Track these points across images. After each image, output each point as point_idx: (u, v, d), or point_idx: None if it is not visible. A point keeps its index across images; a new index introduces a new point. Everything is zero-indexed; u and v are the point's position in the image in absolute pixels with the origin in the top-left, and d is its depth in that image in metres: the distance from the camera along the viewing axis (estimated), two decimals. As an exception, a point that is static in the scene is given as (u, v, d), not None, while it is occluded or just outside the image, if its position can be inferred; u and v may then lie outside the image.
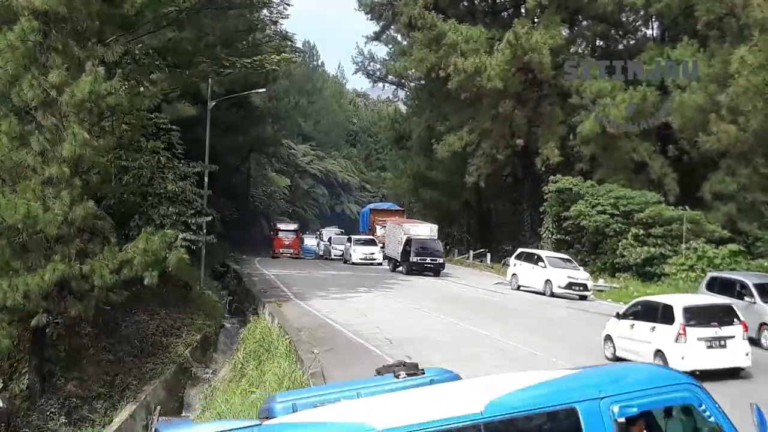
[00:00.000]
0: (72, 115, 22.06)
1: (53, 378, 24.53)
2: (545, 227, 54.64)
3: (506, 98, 56.35)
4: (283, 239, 70.21)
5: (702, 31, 46.57)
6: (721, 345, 21.61)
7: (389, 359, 23.09)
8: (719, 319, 22.14)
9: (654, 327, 22.34)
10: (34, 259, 21.82)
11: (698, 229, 44.28)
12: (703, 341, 21.45)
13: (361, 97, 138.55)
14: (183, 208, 36.41)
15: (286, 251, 69.24)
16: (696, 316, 22.09)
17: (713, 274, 33.35)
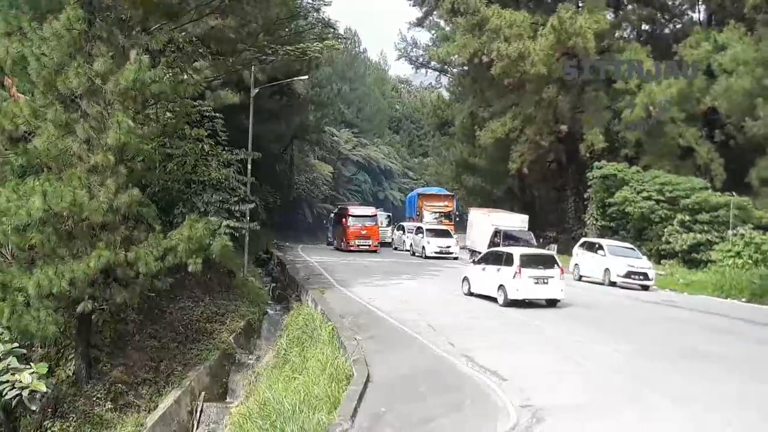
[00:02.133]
0: (117, 103, 22.21)
1: (99, 364, 24.82)
2: (590, 214, 54.30)
3: (550, 84, 55.98)
4: (359, 228, 59.51)
5: (749, 14, 45.95)
6: (544, 282, 30.97)
7: (432, 346, 23.12)
8: (544, 264, 31.44)
9: (499, 269, 31.80)
10: (80, 246, 22.05)
11: (745, 216, 43.80)
12: (532, 279, 30.77)
13: (403, 83, 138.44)
14: (226, 195, 36.61)
15: (363, 243, 58.79)
16: (528, 261, 31.25)
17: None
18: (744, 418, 15.76)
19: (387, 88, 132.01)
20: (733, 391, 17.68)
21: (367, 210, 63.15)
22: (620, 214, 50.06)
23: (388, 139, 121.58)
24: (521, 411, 15.82)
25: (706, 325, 28.47)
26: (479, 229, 52.56)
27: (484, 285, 33.00)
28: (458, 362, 20.57)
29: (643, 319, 29.63)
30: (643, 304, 34.28)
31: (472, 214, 55.78)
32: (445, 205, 63.79)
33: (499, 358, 20.74)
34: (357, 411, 17.17)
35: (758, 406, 16.32)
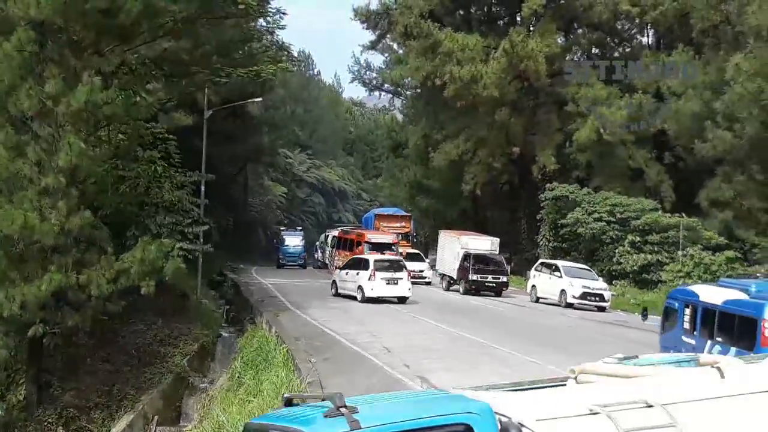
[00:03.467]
0: (68, 124, 22.05)
1: (51, 388, 24.50)
2: (542, 235, 54.76)
3: (502, 106, 56.47)
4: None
5: (697, 38, 46.78)
6: (395, 283, 38.53)
7: (387, 368, 23.13)
8: (395, 269, 39.44)
9: (358, 272, 39.44)
10: (31, 269, 21.80)
11: (695, 236, 44.42)
12: (384, 280, 38.45)
13: (357, 105, 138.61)
14: (180, 217, 36.38)
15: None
16: (381, 265, 39.29)
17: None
18: None
19: (341, 110, 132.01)
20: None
21: (386, 236, 52.83)
22: (572, 235, 50.55)
23: (343, 161, 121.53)
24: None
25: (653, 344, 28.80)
26: (449, 251, 51.05)
27: (347, 286, 40.64)
28: (413, 383, 20.60)
29: (584, 338, 29.92)
30: (594, 324, 34.65)
31: (442, 236, 54.24)
32: (402, 225, 63.58)
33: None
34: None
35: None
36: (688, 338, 19.88)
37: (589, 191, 51.04)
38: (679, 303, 21.16)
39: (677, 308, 21.01)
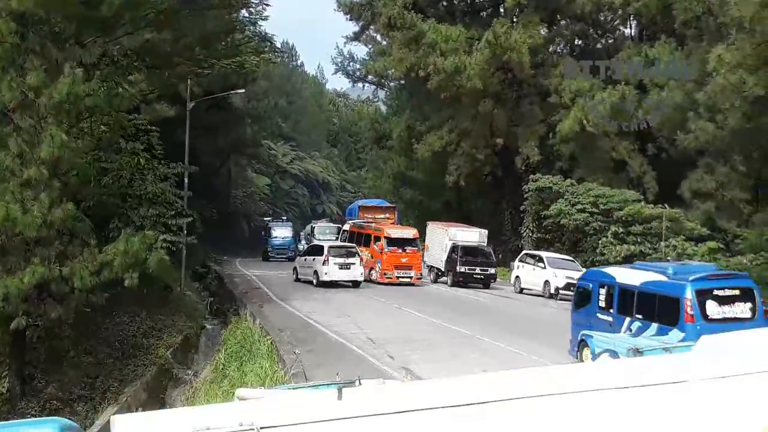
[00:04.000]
0: (50, 116, 21.95)
1: (33, 381, 24.42)
2: (526, 226, 54.85)
3: (486, 98, 56.50)
4: (398, 255, 46.61)
5: (680, 29, 46.86)
6: (347, 267, 41.99)
7: (371, 359, 23.17)
8: (348, 255, 42.82)
9: (315, 258, 42.94)
10: (13, 261, 21.72)
11: (677, 227, 44.54)
12: (337, 265, 41.84)
13: (341, 97, 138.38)
14: (163, 209, 36.29)
15: (404, 276, 45.79)
16: (335, 251, 42.87)
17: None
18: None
19: (324, 101, 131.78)
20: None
21: (407, 231, 49.97)
22: (555, 226, 50.63)
23: (326, 152, 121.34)
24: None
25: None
26: (437, 243, 50.34)
27: (305, 272, 44.28)
28: (397, 374, 20.65)
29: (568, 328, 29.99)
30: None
31: (430, 228, 52.97)
32: (386, 217, 63.29)
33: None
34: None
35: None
36: (604, 315, 22.38)
37: (573, 183, 51.11)
38: (593, 284, 23.50)
39: (591, 289, 23.40)
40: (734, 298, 20.30)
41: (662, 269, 22.30)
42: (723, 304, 20.02)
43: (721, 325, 18.56)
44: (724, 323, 18.89)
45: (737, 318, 19.75)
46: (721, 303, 20.00)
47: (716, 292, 20.15)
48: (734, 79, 32.23)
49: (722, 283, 20.88)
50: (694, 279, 20.34)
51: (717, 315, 19.81)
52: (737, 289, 20.66)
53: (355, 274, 42.51)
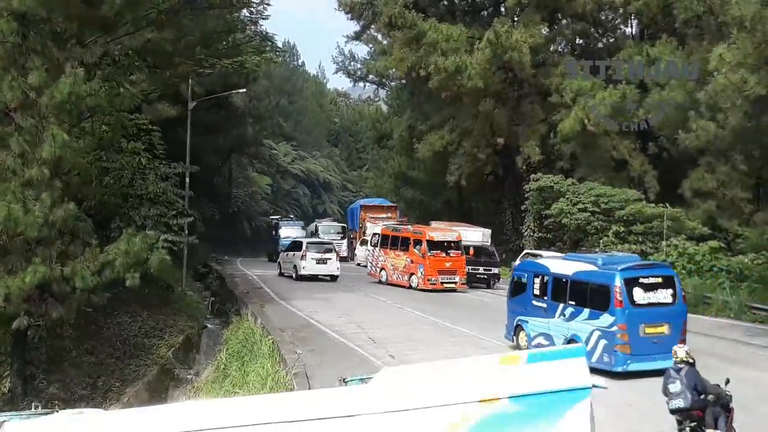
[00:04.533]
0: (51, 116, 21.95)
1: (35, 381, 24.43)
2: (527, 225, 54.84)
3: (487, 97, 56.50)
4: (442, 259, 42.89)
5: (680, 29, 46.86)
6: (324, 262, 45.31)
7: (372, 358, 23.17)
8: (325, 250, 46.37)
9: (295, 253, 46.58)
10: (15, 261, 21.73)
11: (678, 227, 44.52)
12: (315, 260, 45.20)
13: (342, 96, 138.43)
14: (164, 209, 36.27)
15: (449, 281, 42.50)
16: (313, 247, 46.66)
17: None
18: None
19: (325, 101, 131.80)
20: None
21: (451, 233, 45.83)
22: (557, 225, 50.62)
23: (327, 152, 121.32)
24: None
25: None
26: None
27: (287, 267, 47.91)
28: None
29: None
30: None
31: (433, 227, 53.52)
32: (388, 216, 63.22)
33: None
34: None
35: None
36: (539, 302, 24.45)
37: (574, 182, 51.09)
38: (528, 274, 25.60)
39: (527, 278, 25.42)
40: (657, 285, 22.40)
41: (592, 260, 24.46)
42: (648, 290, 22.10)
43: (646, 309, 21.89)
44: (648, 308, 21.90)
45: (660, 303, 22.19)
46: (646, 290, 22.07)
47: (642, 280, 22.18)
48: (735, 79, 32.16)
49: (647, 272, 22.97)
50: (622, 268, 22.27)
51: (642, 300, 21.98)
52: (660, 278, 22.76)
53: (331, 269, 45.73)
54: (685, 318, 22.79)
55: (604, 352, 21.74)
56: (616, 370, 21.24)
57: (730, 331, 29.57)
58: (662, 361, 19.01)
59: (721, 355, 24.62)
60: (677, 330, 21.87)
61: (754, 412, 16.78)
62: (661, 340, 21.44)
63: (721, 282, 38.09)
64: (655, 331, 21.94)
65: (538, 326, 24.33)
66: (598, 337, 22.02)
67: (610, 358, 21.61)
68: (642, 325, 21.78)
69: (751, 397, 17.86)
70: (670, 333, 21.67)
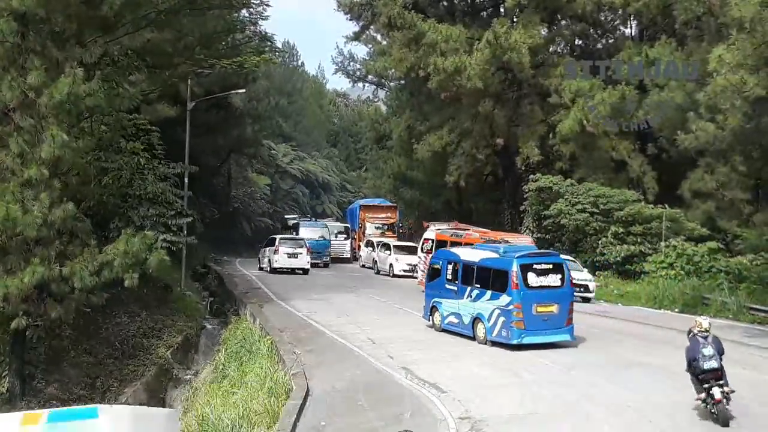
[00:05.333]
0: (51, 116, 21.95)
1: (34, 380, 24.43)
2: (526, 226, 54.79)
3: (486, 98, 56.46)
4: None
5: (680, 30, 46.82)
6: (295, 257, 50.01)
7: (371, 359, 23.18)
8: (297, 246, 50.86)
9: (269, 249, 51.26)
10: (14, 261, 21.72)
11: (677, 227, 44.55)
12: (287, 254, 49.99)
13: (341, 97, 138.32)
14: (163, 209, 36.30)
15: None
16: (285, 243, 51.18)
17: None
18: (677, 425, 16.12)
19: (325, 101, 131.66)
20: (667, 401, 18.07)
21: (523, 239, 42.97)
22: (555, 226, 50.58)
23: (326, 152, 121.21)
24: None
25: (641, 336, 29.02)
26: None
27: (264, 261, 52.93)
28: (398, 375, 20.67)
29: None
30: (577, 315, 34.73)
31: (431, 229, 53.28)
32: (387, 216, 63.19)
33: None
34: (297, 425, 17.17)
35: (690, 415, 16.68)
36: (451, 286, 28.22)
37: (573, 182, 51.05)
38: (442, 261, 29.61)
39: (441, 265, 29.40)
40: (548, 271, 26.10)
41: (495, 249, 28.54)
42: (540, 275, 25.81)
43: (538, 291, 25.67)
44: (540, 290, 25.69)
45: (550, 286, 25.95)
46: (539, 275, 25.79)
47: (535, 266, 25.95)
48: (735, 80, 32.10)
49: (539, 259, 26.82)
50: (518, 256, 26.30)
51: (535, 283, 25.68)
52: (551, 264, 26.49)
53: (301, 263, 50.28)
54: (572, 299, 26.78)
55: (503, 327, 25.55)
56: (512, 342, 25.21)
57: (729, 332, 29.52)
58: (551, 336, 25.87)
59: (719, 356, 24.62)
60: (564, 309, 26.05)
61: (753, 413, 16.81)
62: (550, 317, 25.82)
63: (720, 283, 38.19)
64: (545, 310, 25.83)
65: (450, 307, 28.26)
66: (498, 315, 25.81)
67: (508, 332, 25.39)
68: (534, 304, 25.51)
69: (750, 397, 17.90)
70: (558, 312, 25.87)
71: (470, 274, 27.58)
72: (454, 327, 27.96)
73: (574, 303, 26.76)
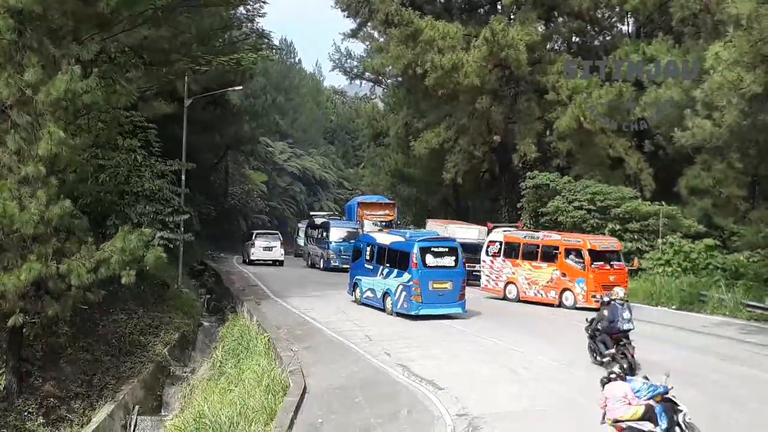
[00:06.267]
0: (48, 113, 21.92)
1: (31, 378, 24.41)
2: (523, 223, 54.84)
3: (483, 95, 56.46)
4: (606, 272, 36.16)
5: (677, 27, 46.77)
6: (270, 250, 55.97)
7: (368, 356, 23.19)
8: (271, 239, 56.99)
9: (248, 243, 57.08)
10: (11, 258, 21.70)
11: (674, 224, 44.56)
12: (262, 247, 55.96)
13: (338, 94, 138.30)
14: (160, 206, 36.27)
15: None
16: (262, 237, 57.36)
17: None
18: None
19: (322, 98, 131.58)
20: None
21: (611, 241, 39.62)
22: (552, 223, 50.55)
23: (323, 149, 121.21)
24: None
25: (638, 333, 29.02)
26: None
27: (245, 254, 58.50)
28: (395, 371, 20.67)
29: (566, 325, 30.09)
30: (578, 312, 34.79)
31: (429, 226, 52.79)
32: (386, 213, 63.04)
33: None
34: (294, 422, 17.19)
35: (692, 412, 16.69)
36: (369, 265, 33.98)
37: (570, 179, 51.07)
38: (363, 244, 35.56)
39: (362, 247, 35.32)
40: (444, 253, 31.45)
41: (403, 234, 34.52)
42: (437, 257, 31.23)
43: (435, 270, 30.90)
44: (436, 269, 30.96)
45: (445, 266, 31.26)
46: (436, 256, 31.20)
47: (433, 249, 31.37)
48: (731, 77, 32.10)
49: (437, 243, 32.25)
50: (419, 240, 31.79)
51: (432, 264, 31.00)
52: (447, 248, 31.81)
53: (275, 255, 56.76)
54: (464, 278, 31.97)
55: (404, 301, 30.99)
56: (411, 313, 30.58)
57: (726, 329, 29.65)
58: (445, 308, 31.16)
59: (716, 352, 24.73)
60: (457, 286, 31.29)
61: (748, 409, 16.84)
62: (444, 293, 31.06)
63: (717, 280, 38.22)
64: (440, 287, 31.02)
65: (368, 283, 34.03)
66: (401, 290, 31.25)
67: (408, 305, 30.77)
68: (431, 281, 30.68)
69: (745, 394, 17.95)
70: (452, 288, 31.14)
71: (383, 255, 33.19)
72: (371, 301, 33.75)
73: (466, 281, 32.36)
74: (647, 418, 13.99)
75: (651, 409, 14.07)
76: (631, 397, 14.20)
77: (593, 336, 22.30)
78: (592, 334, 22.39)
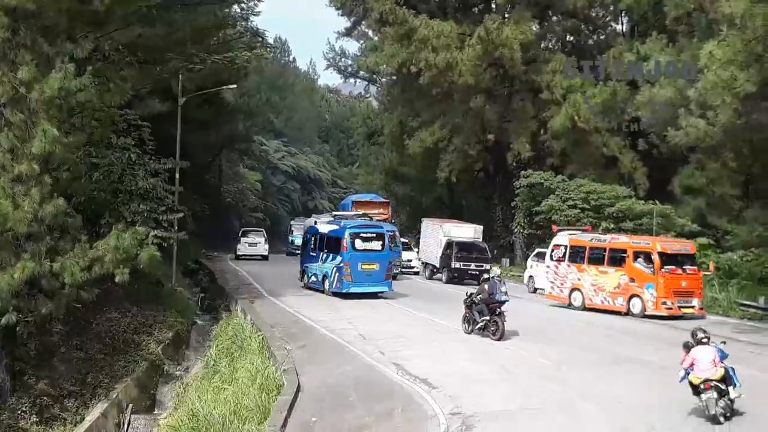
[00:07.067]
0: (41, 111, 21.83)
1: (24, 376, 24.34)
2: (517, 222, 54.99)
3: (477, 94, 56.54)
4: (677, 277, 33.53)
5: (671, 26, 46.91)
6: (255, 246, 62.71)
7: (362, 355, 23.18)
8: (256, 236, 64.37)
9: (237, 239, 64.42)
10: (4, 257, 21.62)
11: (668, 223, 44.68)
12: (247, 244, 63.07)
13: (332, 93, 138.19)
14: (154, 204, 36.18)
15: (685, 305, 33.20)
16: (248, 234, 64.98)
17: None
18: (667, 420, 16.17)
19: (316, 97, 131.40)
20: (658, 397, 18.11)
21: (685, 244, 36.71)
22: (546, 222, 50.67)
23: (318, 148, 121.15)
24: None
25: (632, 332, 29.07)
26: (432, 240, 49.37)
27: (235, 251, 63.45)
28: (388, 370, 20.65)
29: (566, 326, 30.12)
30: (576, 312, 34.81)
31: (425, 224, 52.86)
32: (380, 212, 62.98)
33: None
34: (287, 421, 17.17)
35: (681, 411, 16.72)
36: (314, 253, 39.31)
37: (564, 178, 51.22)
38: (310, 235, 40.87)
39: (308, 238, 40.89)
40: (372, 238, 36.70)
41: (338, 223, 39.33)
42: (365, 242, 36.36)
43: (363, 253, 36.07)
44: (365, 252, 36.13)
45: (373, 249, 36.46)
46: (364, 241, 36.31)
47: (362, 234, 36.59)
48: (725, 76, 32.19)
49: (366, 230, 37.41)
50: (349, 227, 36.84)
51: (361, 247, 36.13)
52: (374, 234, 37.15)
53: (260, 251, 62.80)
54: (390, 259, 38.34)
55: (337, 281, 36.11)
56: (342, 291, 35.76)
57: (720, 328, 29.58)
58: (372, 287, 36.37)
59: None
60: (384, 267, 36.68)
61: (744, 409, 16.84)
62: (372, 273, 36.12)
63: (711, 279, 38.23)
64: (368, 268, 36.11)
65: (313, 269, 39.09)
66: (335, 271, 36.47)
67: (340, 284, 35.97)
68: (360, 263, 35.82)
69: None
70: (379, 269, 36.37)
71: (323, 242, 38.31)
72: (315, 284, 38.60)
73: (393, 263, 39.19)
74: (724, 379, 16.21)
75: (727, 372, 16.34)
76: (717, 360, 16.24)
77: (470, 306, 26.30)
78: (469, 304, 26.40)
